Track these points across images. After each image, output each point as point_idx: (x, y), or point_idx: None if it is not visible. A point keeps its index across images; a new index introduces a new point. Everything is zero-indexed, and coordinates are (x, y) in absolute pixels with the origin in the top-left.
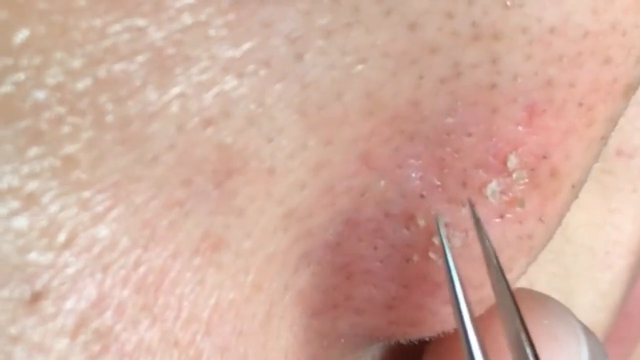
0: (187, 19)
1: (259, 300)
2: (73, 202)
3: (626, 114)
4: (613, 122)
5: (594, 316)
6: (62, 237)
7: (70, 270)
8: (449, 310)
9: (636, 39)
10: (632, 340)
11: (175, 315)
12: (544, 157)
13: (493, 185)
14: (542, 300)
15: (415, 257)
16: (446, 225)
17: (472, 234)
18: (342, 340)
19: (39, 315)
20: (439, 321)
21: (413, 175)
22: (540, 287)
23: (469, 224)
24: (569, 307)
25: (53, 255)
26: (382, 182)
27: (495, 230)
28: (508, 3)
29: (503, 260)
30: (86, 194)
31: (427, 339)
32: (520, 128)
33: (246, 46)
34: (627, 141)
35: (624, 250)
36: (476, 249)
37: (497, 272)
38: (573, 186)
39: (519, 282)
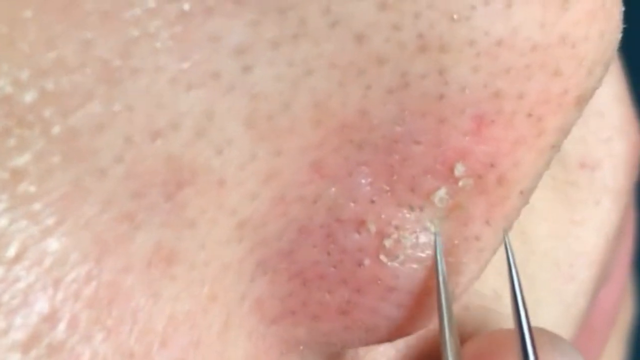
0: (134, 31)
1: (216, 310)
2: (22, 215)
3: (589, 126)
4: (565, 131)
5: (559, 328)
6: (12, 251)
7: (21, 285)
8: (403, 314)
9: (587, 51)
10: (596, 353)
11: (129, 328)
12: (492, 166)
13: (441, 192)
14: (549, 338)
15: (367, 261)
16: (396, 228)
17: (422, 236)
18: (301, 347)
19: None
20: (395, 327)
21: (363, 181)
22: (507, 298)
23: (418, 226)
24: (535, 318)
25: (3, 270)
26: (333, 190)
27: (442, 232)
28: (455, 16)
29: (452, 263)
30: (35, 206)
31: None
32: (468, 138)
33: (194, 58)
34: (590, 153)
35: (587, 262)
36: (426, 252)
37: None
38: (521, 192)
39: (486, 293)
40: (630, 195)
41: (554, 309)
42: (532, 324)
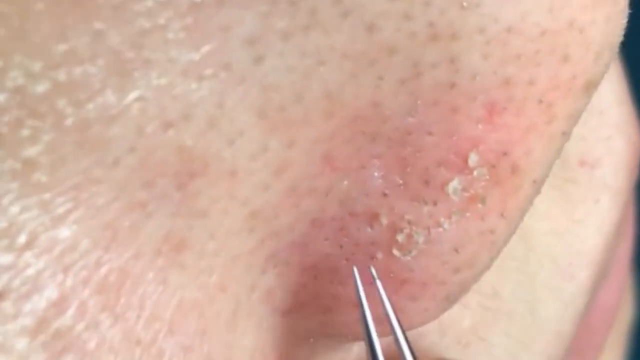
0: (145, 22)
1: (224, 300)
2: (34, 204)
3: (589, 124)
4: (575, 117)
5: (558, 327)
6: (22, 239)
7: (30, 271)
8: (415, 306)
9: (594, 35)
10: (594, 352)
11: (137, 315)
12: (505, 154)
13: (455, 183)
14: None
15: (379, 255)
16: (409, 222)
17: (434, 230)
18: (312, 339)
19: None
20: (406, 318)
21: (375, 174)
22: (506, 296)
23: (431, 221)
24: (534, 316)
25: (13, 257)
26: (346, 182)
27: (457, 226)
28: (464, 4)
29: (466, 257)
30: (47, 196)
31: None
32: (480, 126)
33: (205, 49)
34: (590, 151)
35: (586, 261)
36: (439, 245)
37: None
38: (534, 181)
39: (484, 291)
40: (629, 194)
41: (552, 307)
42: (532, 321)
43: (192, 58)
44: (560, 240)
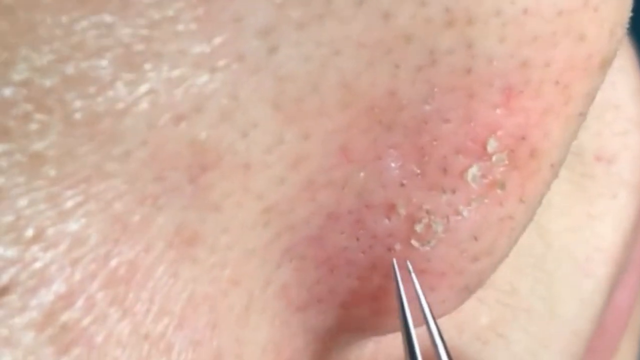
0: (155, 14)
1: (237, 294)
2: (42, 197)
3: (604, 119)
4: (591, 97)
5: (576, 325)
6: (30, 232)
7: (38, 265)
8: (433, 297)
9: (607, 13)
10: (610, 351)
11: (146, 309)
12: (523, 138)
13: (474, 170)
14: None
15: (398, 246)
16: (427, 212)
17: (453, 219)
18: (328, 334)
19: (5, 309)
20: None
21: (392, 164)
22: (524, 293)
23: (450, 210)
24: (553, 315)
25: (21, 250)
26: (362, 174)
27: (476, 214)
28: None
29: (485, 244)
30: (55, 189)
31: None
32: (498, 111)
33: (217, 41)
34: (606, 146)
35: (604, 258)
36: (458, 234)
37: None
38: (552, 165)
39: (502, 288)
40: None
41: (571, 305)
42: (551, 319)
43: (204, 50)
44: (578, 237)
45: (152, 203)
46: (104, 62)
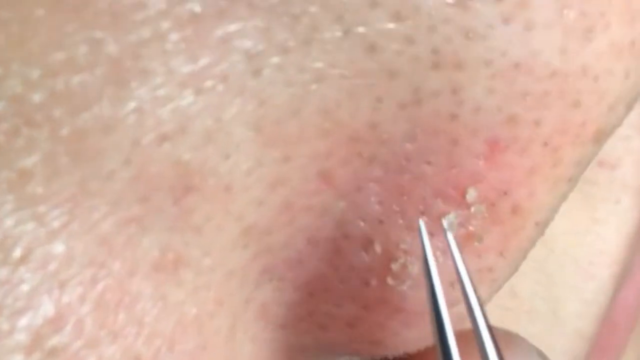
0: (144, 32)
1: (223, 315)
2: (29, 216)
3: None
4: (582, 165)
5: (580, 325)
6: (17, 253)
7: (25, 287)
8: (409, 333)
9: (609, 86)
10: (617, 350)
11: (136, 332)
12: (505, 194)
13: (451, 217)
14: (509, 338)
15: (374, 282)
16: (404, 252)
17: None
18: (308, 353)
19: None
20: (401, 342)
21: (372, 199)
22: (525, 295)
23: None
24: (555, 315)
25: (8, 271)
26: (342, 204)
27: (453, 262)
28: (470, 34)
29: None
30: (42, 208)
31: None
32: (481, 162)
33: (204, 61)
34: (609, 152)
35: (607, 260)
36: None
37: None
38: (537, 224)
39: (502, 291)
40: None
41: (574, 306)
42: (553, 321)
43: (191, 70)
44: (581, 240)
45: (137, 224)
46: (92, 78)
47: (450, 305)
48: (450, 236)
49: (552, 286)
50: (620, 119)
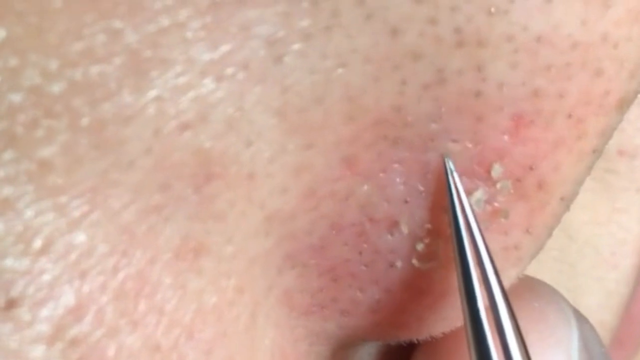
0: (164, 20)
1: (243, 302)
2: (49, 207)
3: (627, 115)
4: (606, 135)
5: (601, 316)
6: (38, 243)
7: (46, 277)
8: (434, 315)
9: (629, 52)
10: (637, 341)
11: (156, 321)
12: (531, 169)
13: (478, 194)
14: (532, 283)
15: (399, 263)
16: (429, 232)
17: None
18: (331, 339)
19: (14, 322)
20: (425, 326)
21: (397, 180)
22: None
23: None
24: (576, 305)
25: (29, 262)
26: (366, 187)
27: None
28: (492, 10)
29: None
30: (62, 199)
31: (417, 341)
32: (506, 137)
33: (224, 49)
34: (629, 141)
35: (629, 250)
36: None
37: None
38: (562, 199)
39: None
40: None
41: (596, 296)
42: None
43: (211, 57)
44: (602, 230)
45: (158, 213)
46: (111, 68)
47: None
48: (456, 177)
49: (574, 276)
50: None
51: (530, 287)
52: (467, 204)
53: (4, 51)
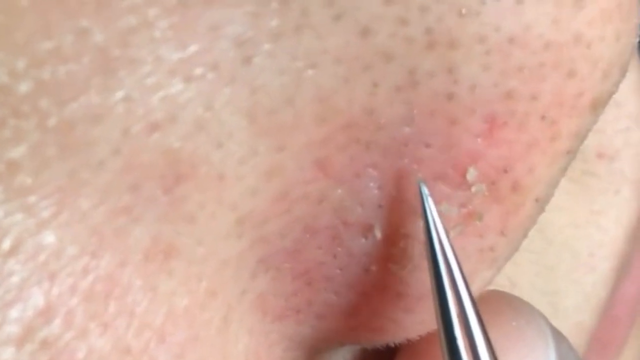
0: (131, 19)
1: (215, 306)
2: (18, 207)
3: (606, 116)
4: (580, 137)
5: (579, 317)
6: (6, 244)
7: (15, 279)
8: (411, 318)
9: (602, 52)
10: (618, 343)
11: (127, 323)
12: (505, 171)
13: (452, 198)
14: (511, 301)
15: (374, 267)
16: (404, 236)
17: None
18: (306, 343)
19: None
20: (402, 329)
21: (371, 184)
22: (524, 287)
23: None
24: (554, 308)
25: None
26: (340, 191)
27: (455, 243)
28: (463, 11)
29: (465, 273)
30: (31, 199)
31: (393, 344)
32: (480, 140)
33: (193, 49)
34: (608, 144)
35: (607, 252)
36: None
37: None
38: (537, 200)
39: (501, 283)
40: None
41: (573, 298)
42: (553, 313)
43: (180, 57)
44: (580, 232)
45: (128, 214)
46: (79, 68)
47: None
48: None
49: (552, 279)
50: (616, 85)
51: (509, 305)
52: (444, 233)
53: None
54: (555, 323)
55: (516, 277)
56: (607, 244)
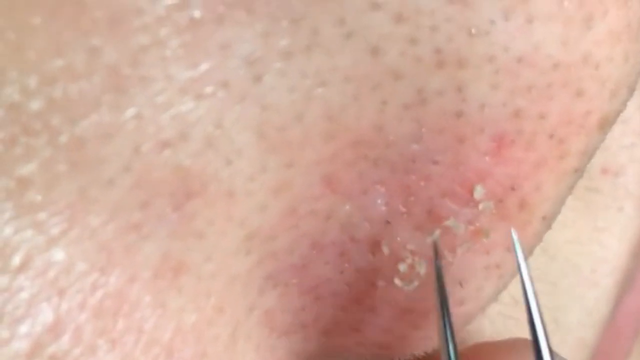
0: (143, 38)
1: (222, 322)
2: (28, 224)
3: (611, 132)
4: (588, 155)
5: (581, 333)
6: (16, 260)
7: (24, 294)
8: (417, 334)
9: (610, 72)
10: (621, 357)
11: (135, 339)
12: (513, 189)
13: (460, 215)
14: (516, 345)
15: (381, 283)
16: (411, 252)
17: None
18: (313, 359)
19: None
20: (408, 345)
21: (379, 201)
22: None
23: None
24: (557, 323)
25: (8, 279)
26: (347, 207)
27: (462, 260)
28: (473, 31)
29: (470, 290)
30: (41, 215)
31: None
32: (487, 158)
33: (204, 67)
34: (613, 160)
35: (610, 268)
36: (445, 275)
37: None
38: (544, 218)
39: (504, 300)
40: None
41: (576, 314)
42: (555, 329)
43: (191, 76)
44: (583, 248)
45: (138, 231)
46: (90, 86)
47: (458, 304)
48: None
49: (555, 295)
50: (624, 104)
51: (514, 348)
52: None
53: None
54: (557, 338)
55: (518, 295)
56: (610, 260)
